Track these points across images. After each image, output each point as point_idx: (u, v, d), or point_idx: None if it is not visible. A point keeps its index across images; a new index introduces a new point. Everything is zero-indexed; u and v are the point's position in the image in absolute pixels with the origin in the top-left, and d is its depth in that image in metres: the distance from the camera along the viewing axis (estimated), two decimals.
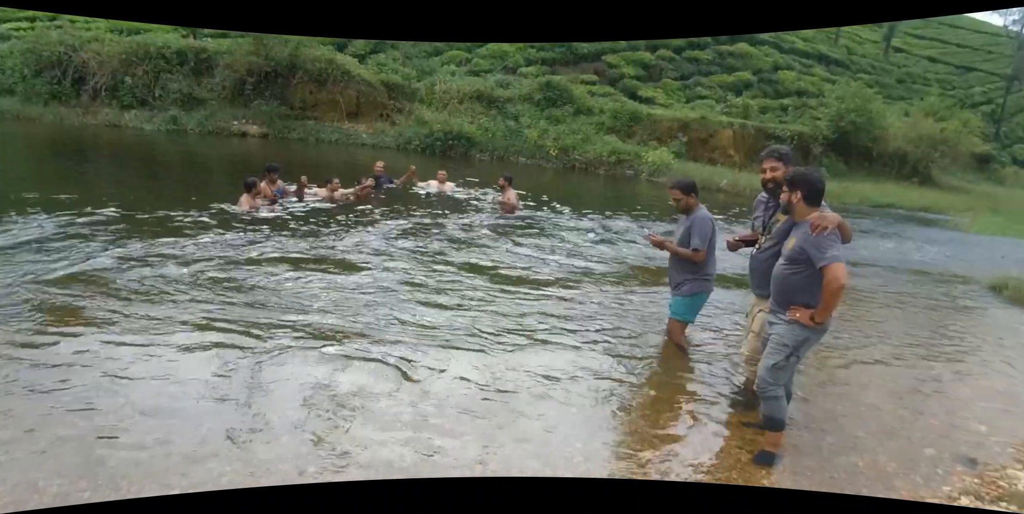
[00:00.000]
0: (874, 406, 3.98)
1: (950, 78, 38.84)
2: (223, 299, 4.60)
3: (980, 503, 2.99)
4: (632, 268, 6.84)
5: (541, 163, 17.69)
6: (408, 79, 19.46)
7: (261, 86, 17.41)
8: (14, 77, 16.02)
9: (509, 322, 4.72)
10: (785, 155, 3.55)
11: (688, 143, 19.55)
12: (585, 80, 23.65)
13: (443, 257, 6.39)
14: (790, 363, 3.09)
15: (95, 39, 16.95)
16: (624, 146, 18.25)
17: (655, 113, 20.57)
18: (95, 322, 4.00)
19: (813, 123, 22.32)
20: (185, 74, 17.08)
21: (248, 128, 16.75)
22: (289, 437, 2.94)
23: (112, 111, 16.33)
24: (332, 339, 4.08)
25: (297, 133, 17.12)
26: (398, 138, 17.60)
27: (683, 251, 4.13)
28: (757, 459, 3.18)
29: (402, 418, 3.22)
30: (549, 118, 19.17)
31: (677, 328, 4.42)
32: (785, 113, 24.99)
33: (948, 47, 42.40)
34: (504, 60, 24.17)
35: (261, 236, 6.44)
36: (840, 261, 2.87)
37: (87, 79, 16.43)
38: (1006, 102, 36.55)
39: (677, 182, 4.22)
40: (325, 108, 18.02)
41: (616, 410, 3.59)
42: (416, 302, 4.95)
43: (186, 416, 3.05)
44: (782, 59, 29.67)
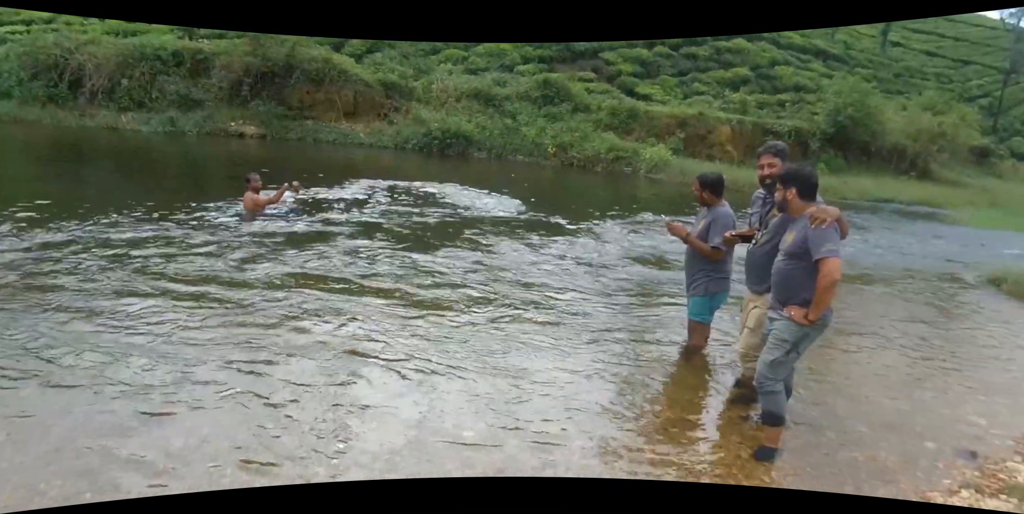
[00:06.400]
0: (874, 400, 3.98)
1: (948, 72, 38.75)
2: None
3: (980, 496, 2.99)
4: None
5: (539, 161, 17.67)
6: (405, 78, 19.40)
7: (258, 87, 17.35)
8: (11, 80, 15.95)
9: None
10: (782, 151, 3.55)
11: (686, 139, 19.51)
12: (582, 77, 23.59)
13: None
14: (789, 359, 3.09)
15: (91, 41, 16.88)
16: (622, 143, 18.21)
17: (653, 110, 20.52)
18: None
19: (811, 118, 22.26)
20: (182, 75, 17.01)
21: (246, 129, 16.70)
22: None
23: (109, 113, 16.28)
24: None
25: (295, 133, 17.08)
26: (396, 137, 17.56)
27: (702, 246, 3.95)
28: (757, 455, 3.18)
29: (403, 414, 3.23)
30: (547, 116, 19.14)
31: (696, 328, 4.26)
32: (783, 108, 24.92)
33: (945, 41, 42.30)
34: (501, 58, 24.12)
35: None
36: (837, 256, 2.87)
37: (84, 82, 16.37)
38: (1003, 95, 36.48)
39: (700, 174, 4.12)
40: (323, 108, 17.97)
41: (616, 408, 3.59)
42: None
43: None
44: (779, 54, 29.61)
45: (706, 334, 4.30)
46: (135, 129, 15.91)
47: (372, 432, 3.08)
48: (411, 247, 6.65)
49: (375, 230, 7.26)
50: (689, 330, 4.33)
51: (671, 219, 4.01)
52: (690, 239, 4.00)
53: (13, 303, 4.22)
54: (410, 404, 3.38)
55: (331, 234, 6.90)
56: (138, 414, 3.04)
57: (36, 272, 4.84)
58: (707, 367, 4.23)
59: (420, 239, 7.13)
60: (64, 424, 2.91)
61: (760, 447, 3.22)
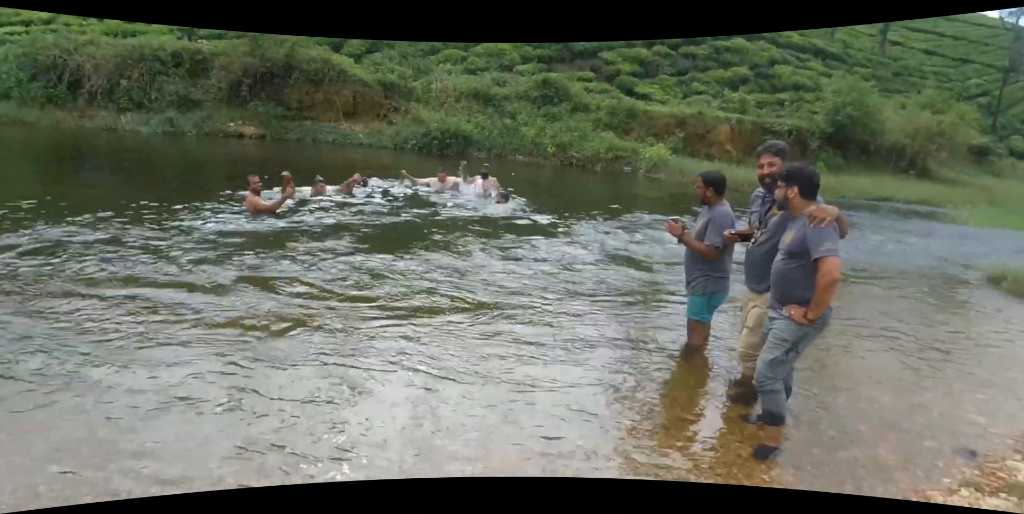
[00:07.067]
0: (874, 399, 3.98)
1: (946, 71, 38.76)
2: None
3: (980, 494, 3.00)
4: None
5: (539, 161, 17.67)
6: (404, 78, 19.41)
7: (257, 87, 17.36)
8: (10, 81, 15.95)
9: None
10: (781, 150, 3.55)
11: (685, 139, 19.53)
12: (581, 77, 23.62)
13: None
14: (789, 358, 3.09)
15: (90, 42, 16.89)
16: (621, 143, 18.23)
17: (652, 109, 20.54)
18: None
19: (810, 117, 22.28)
20: (181, 76, 17.03)
21: (245, 129, 16.72)
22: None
23: (109, 114, 16.28)
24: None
25: (294, 134, 17.09)
26: (395, 138, 17.57)
27: (698, 245, 3.97)
28: (757, 454, 3.18)
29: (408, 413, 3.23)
30: (546, 116, 19.15)
31: (695, 327, 4.27)
32: (782, 108, 24.93)
33: (944, 40, 42.32)
34: (500, 58, 24.13)
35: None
36: (836, 255, 2.87)
37: (83, 82, 16.37)
38: (1002, 94, 36.50)
39: (705, 172, 4.12)
40: (322, 108, 17.98)
41: (615, 407, 3.59)
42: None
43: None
44: (778, 54, 29.63)
45: (705, 333, 4.30)
46: (134, 130, 15.92)
47: (372, 432, 3.08)
48: (410, 248, 6.64)
49: (350, 232, 7.23)
50: (688, 329, 4.33)
51: (674, 217, 3.98)
52: (685, 238, 4.02)
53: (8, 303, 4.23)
54: (410, 406, 3.38)
55: (321, 235, 6.90)
56: (138, 414, 3.04)
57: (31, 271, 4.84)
58: (707, 366, 4.24)
59: (419, 239, 7.13)
60: (64, 424, 2.91)
61: (760, 446, 3.22)
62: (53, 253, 5.35)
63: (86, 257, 5.32)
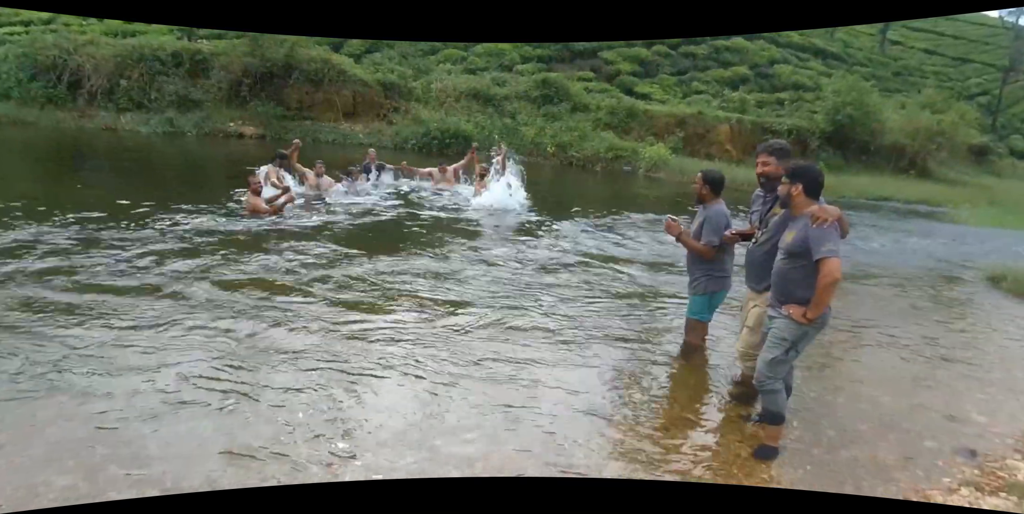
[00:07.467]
0: (874, 399, 3.98)
1: (946, 70, 38.73)
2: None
3: (980, 494, 3.00)
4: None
5: (539, 160, 17.66)
6: (404, 78, 19.40)
7: (257, 87, 17.35)
8: (10, 81, 15.93)
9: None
10: (779, 149, 3.54)
11: (685, 138, 19.53)
12: (581, 77, 23.61)
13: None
14: (789, 357, 3.10)
15: (90, 42, 16.86)
16: (621, 142, 18.22)
17: (652, 109, 20.54)
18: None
19: (810, 117, 22.26)
20: (181, 76, 17.01)
21: (245, 129, 16.70)
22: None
23: (108, 114, 16.26)
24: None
25: (294, 134, 16.98)
26: (395, 137, 17.56)
27: (695, 245, 3.98)
28: (757, 454, 3.18)
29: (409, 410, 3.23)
30: (546, 115, 19.15)
31: (694, 327, 4.27)
32: (782, 107, 24.91)
33: (944, 39, 42.29)
34: (500, 58, 24.11)
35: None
36: (837, 256, 2.87)
37: (83, 82, 16.35)
38: (1002, 93, 36.46)
39: (705, 170, 4.13)
40: (322, 108, 17.97)
41: (614, 408, 3.59)
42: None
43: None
44: (778, 53, 29.60)
45: (704, 333, 4.31)
46: (134, 130, 15.89)
47: (372, 433, 3.08)
48: (409, 249, 6.65)
49: (348, 233, 7.23)
50: (687, 328, 4.34)
51: (670, 217, 3.99)
52: (682, 238, 4.03)
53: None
54: (409, 407, 3.38)
55: (312, 235, 6.90)
56: (138, 414, 3.04)
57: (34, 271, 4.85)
58: (706, 366, 4.24)
59: (418, 240, 7.13)
60: (64, 425, 2.91)
61: (760, 446, 3.22)
62: (52, 253, 5.35)
63: (87, 257, 5.32)
